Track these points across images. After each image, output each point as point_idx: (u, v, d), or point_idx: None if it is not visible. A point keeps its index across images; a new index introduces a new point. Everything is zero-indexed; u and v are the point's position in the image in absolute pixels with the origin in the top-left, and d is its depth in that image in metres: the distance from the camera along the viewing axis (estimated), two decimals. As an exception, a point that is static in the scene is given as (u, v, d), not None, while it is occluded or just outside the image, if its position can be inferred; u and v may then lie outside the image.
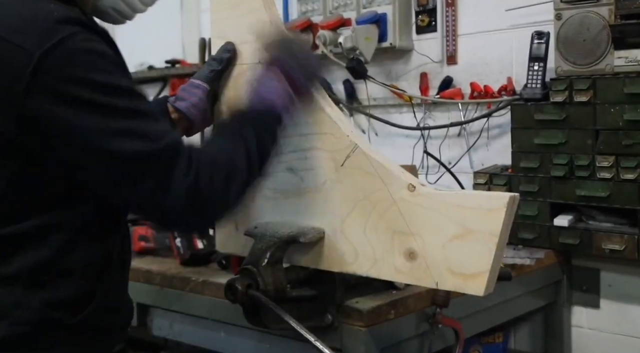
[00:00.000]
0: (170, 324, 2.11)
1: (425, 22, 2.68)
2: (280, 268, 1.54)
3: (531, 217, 2.26)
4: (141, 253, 2.31)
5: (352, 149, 1.48)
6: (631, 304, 2.31)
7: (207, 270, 2.08)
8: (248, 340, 1.91)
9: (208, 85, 1.58)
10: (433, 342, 1.83)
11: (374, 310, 1.68)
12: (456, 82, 2.64)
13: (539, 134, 2.23)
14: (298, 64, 1.43)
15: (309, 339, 1.43)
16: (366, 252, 1.46)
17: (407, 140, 2.74)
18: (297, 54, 1.44)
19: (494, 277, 1.31)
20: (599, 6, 2.12)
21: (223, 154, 1.27)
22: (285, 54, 1.43)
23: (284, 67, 1.41)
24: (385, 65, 2.80)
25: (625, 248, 2.10)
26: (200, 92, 1.57)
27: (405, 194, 1.39)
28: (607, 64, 2.12)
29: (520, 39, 2.46)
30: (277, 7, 2.08)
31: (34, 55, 1.08)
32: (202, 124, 1.61)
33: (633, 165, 2.06)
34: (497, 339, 2.39)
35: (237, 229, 1.70)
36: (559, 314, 2.41)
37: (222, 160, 1.25)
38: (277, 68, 1.41)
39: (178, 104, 1.55)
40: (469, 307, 1.93)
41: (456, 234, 1.33)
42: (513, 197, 1.29)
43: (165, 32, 3.56)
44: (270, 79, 1.40)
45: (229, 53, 1.62)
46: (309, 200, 1.56)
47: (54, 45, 1.09)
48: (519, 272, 2.11)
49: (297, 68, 1.42)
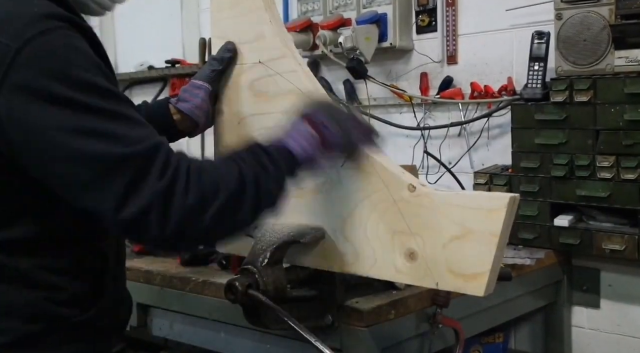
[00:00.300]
0: (170, 324, 2.11)
1: (425, 22, 2.68)
2: (280, 269, 1.54)
3: (531, 217, 2.25)
4: (141, 253, 2.31)
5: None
6: (631, 304, 2.31)
7: (207, 270, 2.08)
8: (248, 340, 1.91)
9: (210, 85, 1.58)
10: (433, 342, 1.83)
11: (374, 310, 1.68)
12: (456, 82, 2.64)
13: (539, 134, 2.23)
14: (335, 120, 1.33)
15: (309, 339, 1.43)
16: (366, 253, 1.46)
17: (407, 140, 2.74)
18: (334, 112, 1.35)
19: (494, 277, 1.31)
20: (599, 6, 2.11)
21: (210, 172, 1.17)
22: (322, 109, 1.34)
23: (317, 119, 1.31)
24: (386, 65, 2.80)
25: (626, 249, 2.10)
26: (202, 93, 1.56)
27: (406, 194, 1.39)
28: (607, 63, 2.12)
29: (520, 39, 2.46)
30: (277, 7, 2.08)
31: (12, 49, 1.07)
32: (206, 124, 1.61)
33: (633, 165, 2.06)
34: (497, 339, 2.39)
35: (237, 229, 1.70)
36: (559, 314, 2.41)
37: (206, 178, 1.15)
38: (309, 119, 1.32)
39: (181, 105, 1.54)
40: (469, 307, 1.93)
41: (456, 234, 1.32)
42: (513, 197, 1.29)
43: (165, 32, 3.56)
44: (298, 126, 1.31)
45: (229, 52, 1.61)
46: (309, 200, 1.56)
47: (30, 39, 1.07)
48: (519, 272, 2.11)
49: (334, 123, 1.32)
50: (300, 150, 1.28)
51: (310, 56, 2.90)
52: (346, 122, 1.35)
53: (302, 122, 1.31)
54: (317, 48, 2.75)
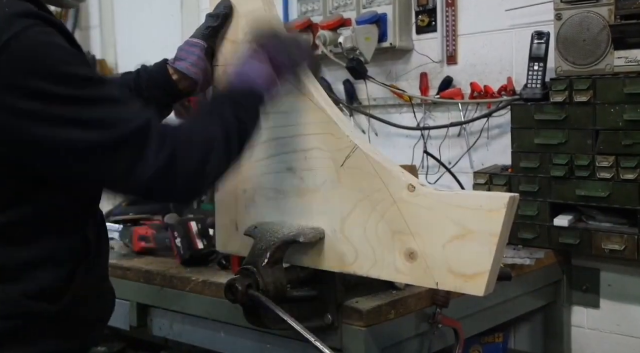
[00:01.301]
0: (170, 324, 2.11)
1: (425, 22, 2.68)
2: (280, 268, 1.54)
3: (531, 217, 2.26)
4: (141, 253, 2.31)
5: (352, 149, 1.48)
6: (631, 304, 2.31)
7: (207, 270, 2.08)
8: (248, 340, 1.91)
9: (205, 42, 1.59)
10: (433, 342, 1.83)
11: (374, 310, 1.68)
12: (456, 82, 2.64)
13: (539, 134, 2.23)
14: (283, 48, 1.45)
15: (309, 339, 1.43)
16: (366, 252, 1.47)
17: (407, 140, 2.74)
18: (283, 41, 1.47)
19: (494, 277, 1.31)
20: (599, 6, 2.12)
21: (198, 128, 1.29)
22: (272, 40, 1.46)
23: (268, 51, 1.43)
24: (385, 65, 2.80)
25: (625, 248, 2.10)
26: (197, 50, 1.57)
27: (405, 194, 1.39)
28: (607, 64, 2.12)
29: (520, 39, 2.46)
30: (277, 7, 2.08)
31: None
32: (205, 82, 1.61)
33: (633, 165, 2.06)
34: (497, 339, 2.39)
35: (237, 229, 1.70)
36: (559, 314, 2.41)
37: (198, 133, 1.27)
38: (261, 51, 1.43)
39: (177, 64, 1.55)
40: (469, 307, 1.93)
41: (456, 234, 1.33)
42: (513, 197, 1.29)
43: (165, 32, 3.56)
44: (252, 60, 1.43)
45: (225, 9, 1.62)
46: (309, 200, 1.56)
47: (9, 39, 1.08)
48: (519, 272, 2.11)
49: (282, 52, 1.44)
50: (264, 87, 1.40)
51: (310, 56, 2.90)
52: (292, 48, 1.47)
53: (257, 57, 1.43)
54: (317, 48, 2.75)
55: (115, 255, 2.28)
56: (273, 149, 1.61)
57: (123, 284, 2.09)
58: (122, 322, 2.15)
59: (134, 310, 2.15)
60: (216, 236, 1.79)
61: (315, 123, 1.54)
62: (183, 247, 2.13)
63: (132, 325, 2.17)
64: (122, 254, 2.34)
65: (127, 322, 2.16)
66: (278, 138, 1.60)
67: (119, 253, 2.35)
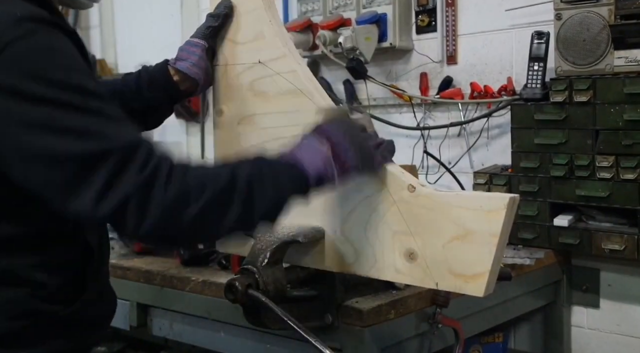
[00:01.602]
0: (170, 324, 2.11)
1: (425, 22, 2.68)
2: (280, 268, 1.54)
3: (531, 217, 2.26)
4: (141, 253, 2.31)
5: (352, 149, 1.48)
6: (631, 304, 2.31)
7: (207, 270, 2.08)
8: (248, 340, 1.91)
9: (206, 42, 1.58)
10: (433, 342, 1.83)
11: (374, 310, 1.68)
12: (456, 82, 2.64)
13: (539, 134, 2.23)
14: (350, 138, 1.29)
15: (309, 339, 1.43)
16: (366, 253, 1.47)
17: (407, 140, 2.74)
18: (351, 129, 1.32)
19: (494, 277, 1.31)
20: (599, 6, 2.12)
21: (196, 170, 1.14)
22: (338, 126, 1.31)
23: (331, 136, 1.27)
24: (385, 65, 2.80)
25: (625, 248, 2.10)
26: (198, 50, 1.57)
27: (405, 195, 1.39)
28: (607, 64, 2.12)
29: (520, 39, 2.46)
30: (277, 7, 2.08)
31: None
32: (206, 82, 1.61)
33: (633, 165, 2.06)
34: (497, 339, 2.39)
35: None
36: (559, 314, 2.41)
37: (191, 175, 1.12)
38: (323, 135, 1.28)
39: (179, 65, 1.55)
40: (469, 307, 1.93)
41: (456, 235, 1.33)
42: (513, 198, 1.29)
43: (165, 32, 3.56)
44: (310, 142, 1.27)
45: (226, 9, 1.61)
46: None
47: (10, 43, 1.08)
48: (519, 272, 2.11)
49: (348, 141, 1.28)
50: (312, 168, 1.23)
51: (310, 56, 2.90)
52: (363, 142, 1.33)
53: (317, 139, 1.27)
54: (317, 48, 2.75)
55: (115, 255, 2.28)
56: (273, 149, 1.61)
57: (123, 284, 2.09)
58: (122, 322, 2.15)
59: (134, 310, 2.15)
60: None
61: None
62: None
63: (132, 325, 2.17)
64: (122, 254, 2.34)
65: (127, 322, 2.16)
66: (278, 138, 1.60)
67: (119, 253, 2.35)
